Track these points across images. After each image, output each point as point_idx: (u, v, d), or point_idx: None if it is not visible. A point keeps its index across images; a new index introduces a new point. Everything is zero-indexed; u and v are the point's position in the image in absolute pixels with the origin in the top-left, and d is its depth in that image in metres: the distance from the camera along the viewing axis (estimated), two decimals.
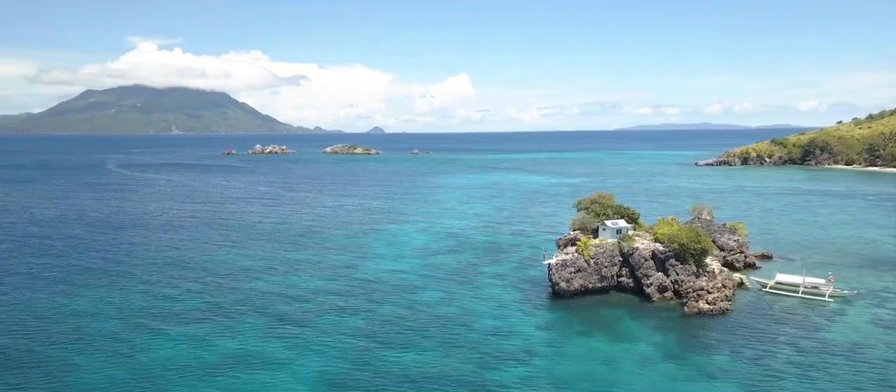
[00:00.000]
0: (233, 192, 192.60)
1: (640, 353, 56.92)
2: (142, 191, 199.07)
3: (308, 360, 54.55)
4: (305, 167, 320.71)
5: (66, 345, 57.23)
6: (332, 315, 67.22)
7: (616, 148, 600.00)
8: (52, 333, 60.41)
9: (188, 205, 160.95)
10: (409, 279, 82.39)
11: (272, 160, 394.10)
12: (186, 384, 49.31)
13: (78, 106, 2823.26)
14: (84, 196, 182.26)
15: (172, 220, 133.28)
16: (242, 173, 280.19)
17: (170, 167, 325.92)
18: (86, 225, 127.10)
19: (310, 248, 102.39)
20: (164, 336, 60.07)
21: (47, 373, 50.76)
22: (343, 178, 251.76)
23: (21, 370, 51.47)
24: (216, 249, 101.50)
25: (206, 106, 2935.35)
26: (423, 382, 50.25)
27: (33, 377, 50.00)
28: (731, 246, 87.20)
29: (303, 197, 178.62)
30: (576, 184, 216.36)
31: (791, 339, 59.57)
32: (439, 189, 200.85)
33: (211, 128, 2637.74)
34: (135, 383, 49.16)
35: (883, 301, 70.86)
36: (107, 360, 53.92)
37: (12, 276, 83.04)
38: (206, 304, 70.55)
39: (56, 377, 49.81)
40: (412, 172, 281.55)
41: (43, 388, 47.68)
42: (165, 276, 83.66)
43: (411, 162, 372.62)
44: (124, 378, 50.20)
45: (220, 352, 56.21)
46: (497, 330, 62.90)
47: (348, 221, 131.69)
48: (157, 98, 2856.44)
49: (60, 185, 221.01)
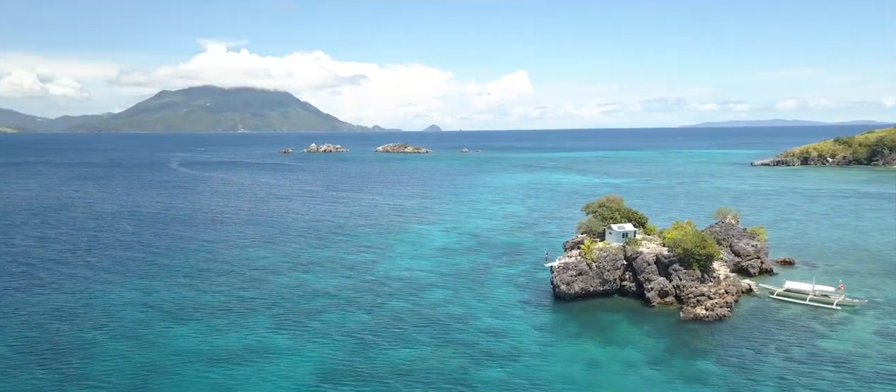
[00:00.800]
0: (278, 190, 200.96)
1: (625, 357, 57.77)
2: (195, 188, 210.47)
3: (305, 353, 58.24)
4: (353, 166, 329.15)
5: (94, 330, 63.20)
6: (338, 311, 70.91)
7: (674, 146, 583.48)
8: (83, 319, 66.71)
9: (233, 202, 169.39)
10: (421, 278, 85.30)
11: (324, 159, 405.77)
12: (191, 371, 53.85)
13: (153, 106, 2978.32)
14: (141, 193, 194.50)
15: (216, 217, 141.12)
16: (292, 172, 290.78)
17: (227, 165, 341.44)
18: (136, 220, 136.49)
19: (335, 246, 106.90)
20: (182, 326, 65.26)
21: (68, 356, 56.44)
22: (386, 177, 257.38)
23: (46, 352, 57.42)
24: (248, 246, 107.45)
25: (270, 105, 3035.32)
26: (406, 376, 52.96)
27: (54, 360, 55.74)
28: (747, 251, 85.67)
29: (342, 196, 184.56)
30: (617, 184, 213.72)
31: (783, 346, 58.95)
32: (476, 188, 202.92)
33: (274, 127, 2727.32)
34: (145, 368, 54.10)
35: (895, 311, 68.51)
36: (126, 346, 59.33)
37: (60, 266, 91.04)
38: (226, 298, 75.66)
39: (75, 360, 55.40)
40: (455, 171, 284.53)
41: (60, 370, 53.26)
42: (196, 269, 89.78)
43: (457, 161, 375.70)
44: (138, 363, 55.26)
45: (227, 343, 60.69)
46: (491, 329, 64.93)
47: (378, 220, 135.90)
48: (224, 98, 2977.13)
49: (123, 182, 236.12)
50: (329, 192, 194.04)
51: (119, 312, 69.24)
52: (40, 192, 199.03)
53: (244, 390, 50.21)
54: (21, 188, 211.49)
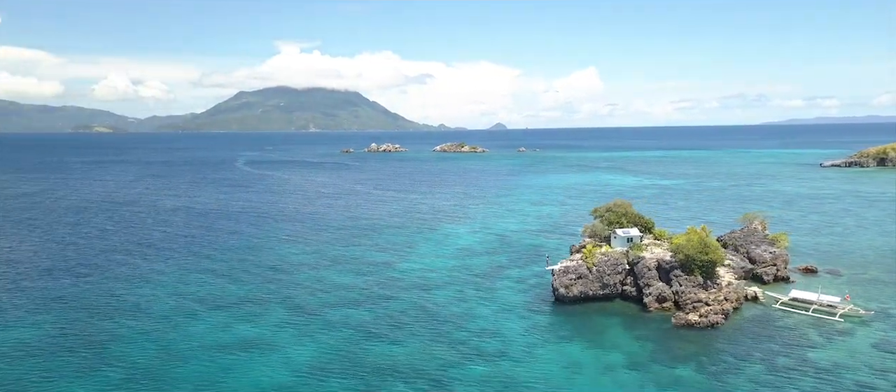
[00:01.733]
0: (327, 189, 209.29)
1: (605, 361, 59.05)
2: (251, 186, 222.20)
3: (304, 345, 62.78)
4: (406, 165, 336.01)
5: (124, 318, 70.27)
6: (345, 308, 75.27)
7: (747, 145, 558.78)
8: (118, 307, 74.09)
9: (282, 200, 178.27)
10: (433, 279, 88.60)
11: (381, 158, 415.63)
12: (199, 357, 59.38)
13: (231, 106, 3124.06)
14: (201, 190, 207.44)
15: (263, 214, 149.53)
16: (347, 170, 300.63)
17: (288, 164, 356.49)
18: (190, 215, 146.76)
19: (360, 245, 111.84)
20: (203, 316, 71.40)
21: (95, 339, 63.39)
22: (433, 176, 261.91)
23: (78, 336, 64.54)
24: (281, 243, 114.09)
25: (340, 105, 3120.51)
26: (389, 371, 56.32)
27: (83, 343, 62.66)
28: (763, 258, 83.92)
29: (385, 195, 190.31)
30: (666, 186, 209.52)
31: (768, 355, 58.48)
32: (518, 189, 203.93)
33: (343, 126, 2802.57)
34: (161, 353, 60.03)
35: None
36: (149, 333, 65.82)
37: (112, 258, 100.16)
38: (248, 291, 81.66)
39: (101, 344, 62.24)
40: (505, 171, 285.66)
41: (86, 352, 60.09)
42: (228, 264, 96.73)
43: (512, 160, 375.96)
44: (156, 348, 61.34)
45: (238, 333, 66.12)
46: (485, 329, 67.44)
47: (410, 220, 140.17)
48: (297, 98, 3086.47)
49: (189, 179, 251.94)
50: (374, 192, 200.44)
51: (149, 303, 76.37)
52: (115, 188, 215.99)
53: (238, 376, 55.12)
54: (100, 185, 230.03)
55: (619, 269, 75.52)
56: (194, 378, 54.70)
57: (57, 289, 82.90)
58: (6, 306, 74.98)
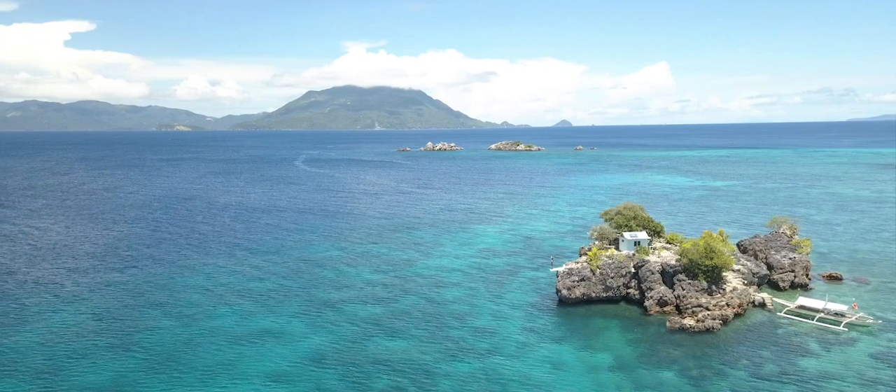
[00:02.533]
0: (373, 187, 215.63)
1: (591, 362, 60.47)
2: (302, 184, 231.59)
3: (310, 338, 67.18)
4: (458, 164, 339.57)
5: (153, 307, 77.10)
6: (358, 302, 79.47)
7: (823, 144, 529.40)
8: (150, 296, 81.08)
9: (328, 197, 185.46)
10: (447, 277, 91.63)
11: (436, 157, 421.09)
12: (214, 345, 64.75)
13: (301, 105, 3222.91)
14: (255, 188, 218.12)
15: (304, 211, 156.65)
16: (397, 169, 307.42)
17: (344, 162, 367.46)
18: (239, 211, 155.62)
19: (388, 243, 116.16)
20: (225, 307, 77.26)
21: (123, 325, 70.10)
22: (480, 175, 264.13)
23: (109, 321, 71.44)
24: (315, 239, 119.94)
25: (405, 103, 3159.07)
26: (382, 364, 59.75)
27: (112, 327, 69.41)
28: (782, 264, 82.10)
29: (426, 194, 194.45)
30: (716, 187, 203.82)
31: (757, 362, 58.24)
32: (560, 189, 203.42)
33: (407, 124, 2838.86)
34: (179, 341, 65.81)
35: None
36: (173, 322, 72.05)
37: (157, 250, 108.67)
38: (272, 285, 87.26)
39: (130, 329, 68.83)
40: (554, 170, 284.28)
41: (112, 337, 66.77)
42: (262, 258, 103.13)
43: (565, 159, 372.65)
44: (176, 336, 67.22)
45: (252, 324, 71.34)
46: (483, 328, 69.94)
47: (443, 219, 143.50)
48: (363, 97, 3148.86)
49: (246, 177, 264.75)
50: (417, 191, 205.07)
51: (180, 293, 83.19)
52: (178, 184, 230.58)
53: (247, 363, 60.02)
54: (166, 181, 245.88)
55: (623, 273, 76.15)
56: (207, 363, 60.02)
57: (104, 276, 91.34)
58: (57, 290, 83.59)
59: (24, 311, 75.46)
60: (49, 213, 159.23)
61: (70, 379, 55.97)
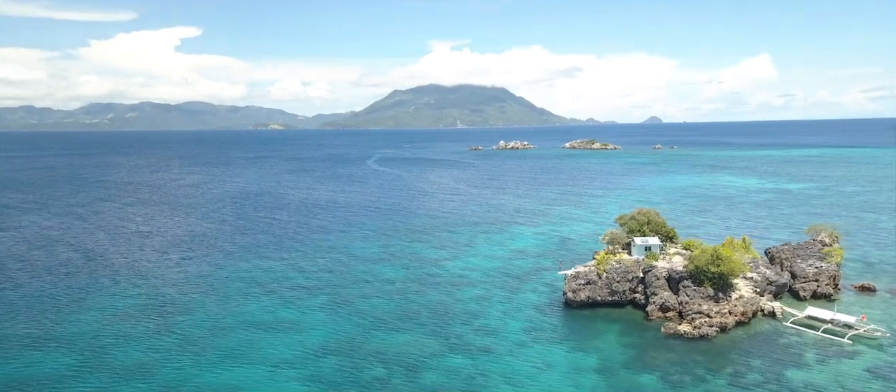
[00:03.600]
0: (430, 187, 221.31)
1: (578, 363, 62.45)
2: (365, 182, 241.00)
3: (321, 330, 72.63)
4: (524, 163, 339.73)
5: (196, 295, 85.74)
6: (377, 298, 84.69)
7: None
8: (194, 286, 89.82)
9: (383, 196, 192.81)
10: (469, 277, 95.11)
11: (506, 156, 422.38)
12: (234, 334, 71.70)
13: (386, 104, 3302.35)
14: (322, 185, 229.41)
15: (357, 208, 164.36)
16: (463, 169, 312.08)
17: (413, 162, 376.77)
18: (297, 208, 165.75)
19: (424, 242, 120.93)
20: (254, 298, 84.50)
21: (165, 312, 78.58)
22: (542, 175, 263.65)
23: (153, 308, 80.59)
24: (359, 237, 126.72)
25: (487, 101, 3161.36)
26: (380, 356, 64.41)
27: (154, 314, 78.16)
28: (805, 273, 79.55)
29: (480, 194, 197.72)
30: (788, 190, 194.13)
31: (741, 372, 58.13)
32: (618, 191, 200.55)
33: (489, 122, 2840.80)
34: (211, 326, 73.49)
35: None
36: (210, 309, 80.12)
37: (213, 242, 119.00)
38: (305, 279, 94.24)
39: (168, 315, 77.41)
40: (619, 170, 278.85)
41: (151, 323, 75.59)
42: (303, 254, 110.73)
43: (637, 158, 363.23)
44: (209, 321, 74.88)
45: (275, 315, 77.98)
46: (483, 327, 73.04)
47: (485, 219, 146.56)
48: (446, 95, 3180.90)
49: (318, 175, 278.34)
50: (472, 190, 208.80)
51: (224, 282, 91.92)
52: (254, 181, 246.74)
53: (256, 350, 66.52)
54: (244, 178, 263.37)
55: (630, 277, 76.84)
56: (226, 346, 67.15)
57: (161, 266, 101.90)
58: (118, 277, 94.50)
59: (87, 294, 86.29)
60: (135, 207, 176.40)
61: (109, 353, 64.65)
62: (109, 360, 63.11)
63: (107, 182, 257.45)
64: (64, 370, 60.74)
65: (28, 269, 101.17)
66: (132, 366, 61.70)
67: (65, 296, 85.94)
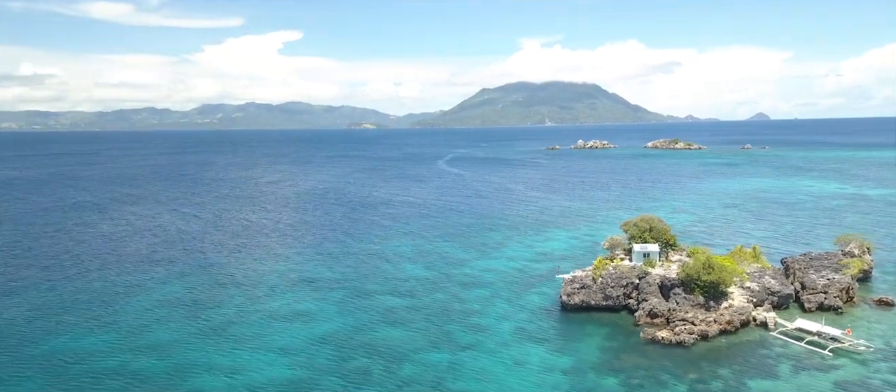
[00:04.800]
0: (488, 188, 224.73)
1: (552, 363, 65.16)
2: (427, 182, 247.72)
3: (329, 323, 78.80)
4: (596, 164, 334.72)
5: (231, 287, 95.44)
6: (388, 295, 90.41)
7: None
8: (234, 279, 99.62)
9: (437, 196, 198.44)
10: (483, 278, 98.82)
11: (581, 156, 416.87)
12: (255, 323, 79.31)
13: (474, 103, 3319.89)
14: (385, 184, 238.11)
15: (409, 208, 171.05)
16: (530, 169, 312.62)
17: (483, 162, 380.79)
18: (354, 206, 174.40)
19: (458, 242, 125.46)
20: (280, 292, 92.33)
21: (199, 301, 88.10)
22: (608, 176, 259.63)
23: (193, 297, 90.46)
24: (398, 235, 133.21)
25: (578, 98, 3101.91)
26: (367, 347, 70.11)
27: (189, 303, 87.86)
28: (815, 285, 77.25)
29: (532, 196, 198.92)
30: (867, 196, 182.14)
31: (706, 379, 59.01)
32: (681, 194, 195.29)
33: (580, 119, 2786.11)
34: (234, 316, 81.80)
35: None
36: (237, 299, 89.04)
37: (264, 239, 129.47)
38: (331, 274, 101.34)
39: (201, 305, 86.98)
40: (691, 173, 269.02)
41: (185, 310, 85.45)
42: (341, 251, 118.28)
43: (718, 159, 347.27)
44: (230, 313, 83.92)
45: (294, 308, 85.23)
46: (478, 326, 76.77)
47: (529, 221, 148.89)
48: (534, 93, 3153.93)
49: (384, 175, 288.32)
50: (527, 192, 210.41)
51: (257, 276, 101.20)
52: (326, 180, 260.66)
53: (266, 338, 73.63)
54: (318, 177, 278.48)
55: (624, 283, 78.07)
56: (242, 334, 75.17)
57: (211, 257, 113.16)
58: (170, 267, 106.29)
59: (141, 280, 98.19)
60: (213, 203, 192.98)
61: (142, 334, 74.66)
62: (140, 340, 72.93)
63: (198, 179, 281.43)
64: (101, 346, 71.09)
65: (99, 257, 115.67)
66: (155, 346, 71.13)
67: (123, 281, 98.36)
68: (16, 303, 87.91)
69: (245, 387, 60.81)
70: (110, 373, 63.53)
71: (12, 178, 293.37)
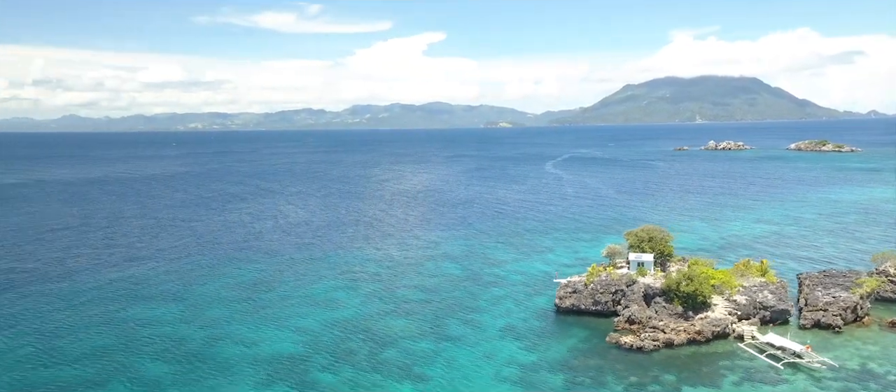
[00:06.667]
0: (576, 191, 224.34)
1: (515, 357, 70.91)
2: (522, 183, 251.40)
3: (349, 310, 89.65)
4: (712, 166, 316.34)
5: (286, 274, 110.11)
6: (413, 290, 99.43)
7: None
8: (290, 267, 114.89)
9: (520, 198, 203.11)
10: (509, 279, 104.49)
11: (704, 158, 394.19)
12: (292, 304, 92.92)
13: (616, 99, 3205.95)
14: (478, 185, 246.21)
15: (481, 210, 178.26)
16: (636, 170, 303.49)
17: (595, 163, 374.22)
18: (434, 206, 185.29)
19: (509, 245, 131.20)
20: (323, 282, 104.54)
21: (256, 286, 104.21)
22: (710, 181, 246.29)
23: (252, 280, 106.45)
24: (456, 235, 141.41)
25: (733, 93, 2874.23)
26: (366, 332, 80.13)
27: (246, 289, 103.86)
28: (815, 302, 74.61)
29: (618, 200, 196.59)
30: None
31: (646, 383, 62.20)
32: (776, 203, 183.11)
33: (735, 116, 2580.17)
34: (278, 298, 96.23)
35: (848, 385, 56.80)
36: (284, 287, 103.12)
37: (326, 235, 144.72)
38: (376, 270, 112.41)
39: (256, 291, 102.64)
40: (813, 180, 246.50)
41: (241, 292, 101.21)
42: (394, 248, 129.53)
43: (861, 164, 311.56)
44: (279, 296, 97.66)
45: (328, 295, 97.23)
46: (472, 322, 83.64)
47: (591, 227, 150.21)
48: (684, 88, 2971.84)
49: (486, 175, 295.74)
50: (614, 197, 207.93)
51: (317, 268, 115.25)
52: (429, 180, 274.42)
53: (291, 319, 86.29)
54: (424, 177, 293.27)
55: (613, 290, 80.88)
56: (272, 316, 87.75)
57: (283, 248, 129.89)
58: (247, 254, 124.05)
59: (220, 266, 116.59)
60: (318, 198, 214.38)
61: (201, 310, 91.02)
62: (195, 313, 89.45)
63: (322, 176, 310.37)
64: (167, 316, 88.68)
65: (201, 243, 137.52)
66: (204, 319, 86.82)
67: (208, 263, 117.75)
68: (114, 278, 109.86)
69: (253, 356, 73.80)
70: (160, 337, 79.73)
71: (179, 173, 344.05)
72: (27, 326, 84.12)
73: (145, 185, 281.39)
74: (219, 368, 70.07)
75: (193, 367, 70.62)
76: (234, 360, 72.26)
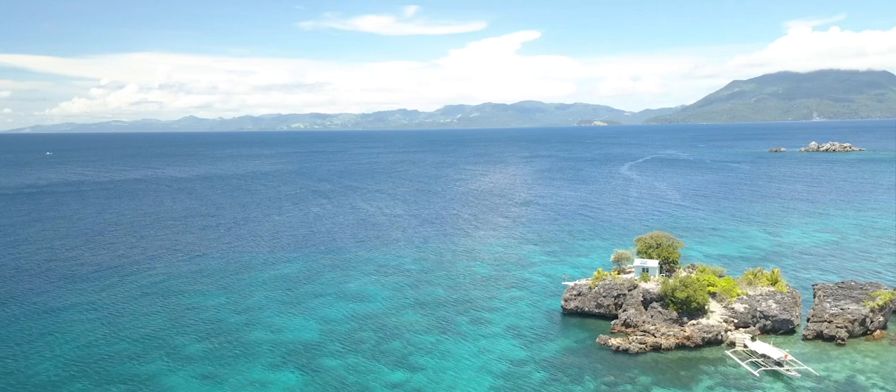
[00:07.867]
0: (640, 193, 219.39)
1: (508, 354, 74.57)
2: (591, 185, 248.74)
3: (368, 304, 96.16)
4: (800, 169, 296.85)
5: (322, 270, 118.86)
6: (438, 288, 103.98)
7: None
8: (327, 263, 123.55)
9: (580, 201, 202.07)
10: (533, 281, 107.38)
11: (800, 160, 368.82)
12: (325, 295, 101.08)
13: (722, 96, 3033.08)
14: (545, 188, 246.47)
15: (536, 212, 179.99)
16: (717, 173, 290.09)
17: (675, 165, 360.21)
18: (494, 207, 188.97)
19: (546, 248, 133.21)
20: (353, 278, 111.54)
21: (296, 279, 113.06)
22: (790, 186, 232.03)
23: (290, 273, 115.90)
24: (501, 237, 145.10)
25: (859, 88, 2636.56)
26: (379, 322, 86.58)
27: (281, 284, 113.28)
28: (821, 314, 72.44)
29: (677, 205, 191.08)
30: None
31: (620, 383, 64.10)
32: (852, 213, 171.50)
33: (861, 113, 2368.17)
34: (314, 293, 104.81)
35: None
36: (322, 280, 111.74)
37: (381, 231, 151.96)
38: (411, 267, 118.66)
39: (295, 281, 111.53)
40: (887, 184, 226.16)
41: (278, 285, 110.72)
42: (433, 248, 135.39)
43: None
44: (317, 288, 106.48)
45: (351, 289, 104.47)
46: (481, 319, 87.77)
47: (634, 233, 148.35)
48: (799, 83, 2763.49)
49: (557, 176, 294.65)
50: (678, 201, 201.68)
51: (359, 264, 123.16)
52: (499, 181, 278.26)
53: (316, 310, 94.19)
54: (495, 177, 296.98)
55: (615, 294, 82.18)
56: (304, 307, 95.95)
57: (336, 244, 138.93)
58: (296, 248, 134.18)
59: (275, 260, 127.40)
60: (391, 199, 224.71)
61: (245, 299, 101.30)
62: (238, 302, 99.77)
63: (400, 175, 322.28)
64: (213, 302, 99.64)
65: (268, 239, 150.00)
66: (245, 307, 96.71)
67: (261, 257, 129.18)
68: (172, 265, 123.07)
69: (275, 340, 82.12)
70: (203, 320, 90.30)
71: (271, 171, 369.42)
72: (104, 310, 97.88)
73: (243, 181, 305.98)
74: (242, 349, 78.89)
75: (221, 346, 79.93)
76: (257, 343, 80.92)
